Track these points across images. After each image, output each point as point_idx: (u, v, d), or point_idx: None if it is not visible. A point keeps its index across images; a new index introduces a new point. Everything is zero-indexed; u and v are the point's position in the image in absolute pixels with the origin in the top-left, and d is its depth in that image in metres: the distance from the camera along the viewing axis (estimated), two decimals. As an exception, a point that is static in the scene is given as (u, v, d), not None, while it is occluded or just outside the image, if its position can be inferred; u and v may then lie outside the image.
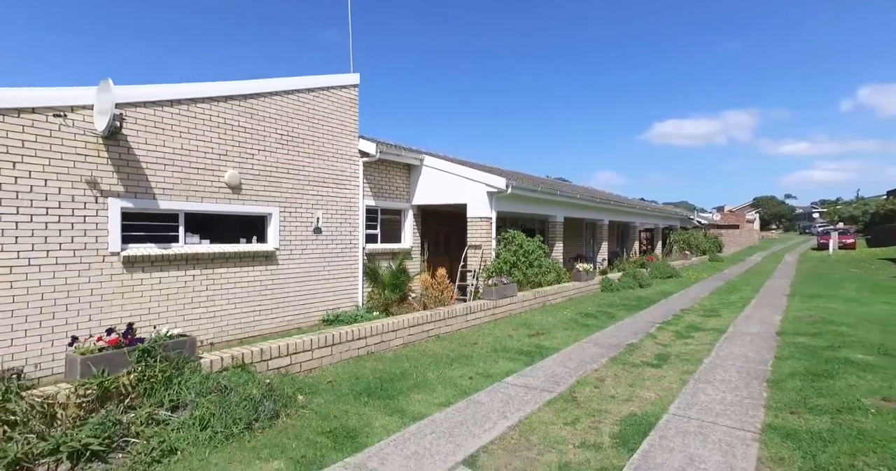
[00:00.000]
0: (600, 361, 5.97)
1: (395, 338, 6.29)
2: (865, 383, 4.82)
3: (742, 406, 4.37)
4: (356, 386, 4.74)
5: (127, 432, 3.21)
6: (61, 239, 6.56)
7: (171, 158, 7.81)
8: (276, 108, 9.46)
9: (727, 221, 49.61)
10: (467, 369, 5.51)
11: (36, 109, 6.33)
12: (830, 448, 3.38)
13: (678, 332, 7.78)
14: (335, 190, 10.61)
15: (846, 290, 13.31)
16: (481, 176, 11.49)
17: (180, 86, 8.05)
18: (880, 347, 6.27)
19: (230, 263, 8.62)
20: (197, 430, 3.42)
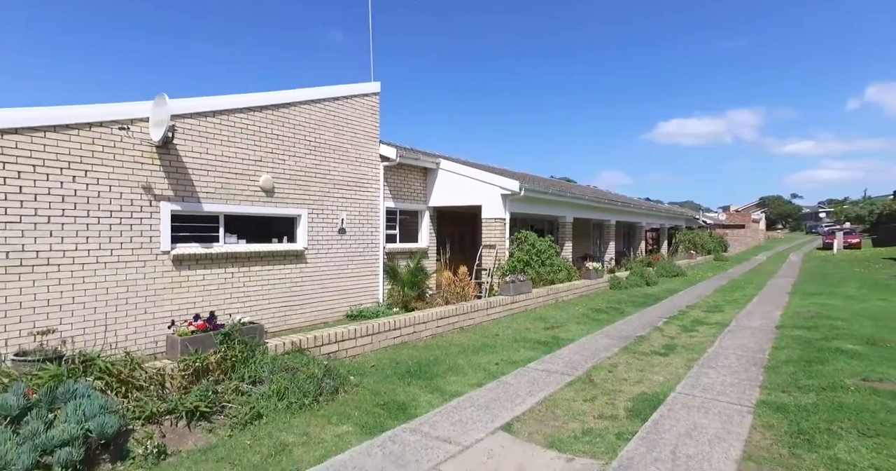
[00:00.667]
0: (612, 350, 6.59)
1: (424, 329, 6.92)
2: (850, 367, 5.41)
3: (740, 386, 4.97)
4: (397, 369, 5.38)
5: (222, 400, 3.85)
6: (122, 239, 7.24)
7: (213, 165, 8.47)
8: (305, 117, 10.10)
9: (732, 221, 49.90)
10: (493, 357, 6.14)
11: (103, 123, 7.02)
12: (813, 417, 3.98)
13: (684, 326, 8.37)
14: (358, 193, 11.25)
15: (846, 288, 13.82)
16: (496, 179, 12.09)
17: (222, 98, 8.72)
18: (869, 339, 6.84)
19: (264, 262, 9.27)
20: (275, 400, 4.06)
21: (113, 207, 7.12)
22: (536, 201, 13.30)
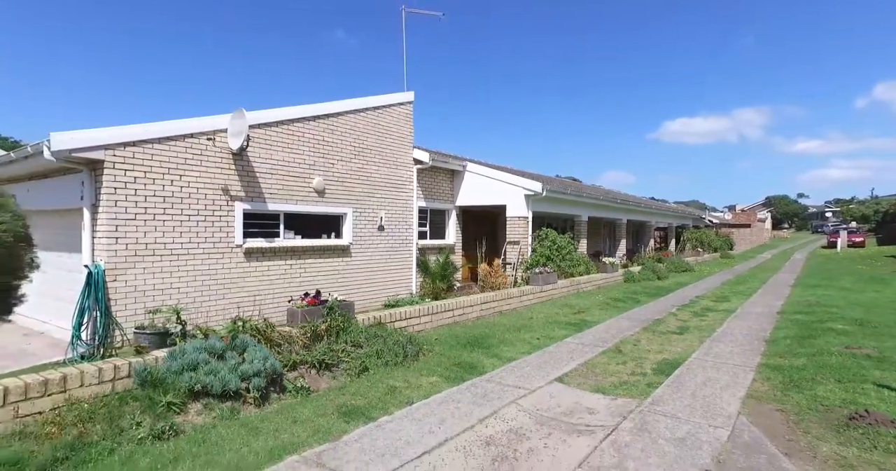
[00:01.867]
0: (634, 329, 7.65)
1: (471, 312, 8.01)
2: (838, 340, 6.44)
3: (744, 354, 6.02)
4: (458, 341, 6.46)
5: (336, 356, 4.94)
6: (206, 234, 8.35)
7: (275, 169, 9.58)
8: (351, 125, 11.21)
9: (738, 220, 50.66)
10: (533, 334, 7.22)
11: (194, 135, 8.14)
12: (801, 373, 5.03)
13: (695, 312, 9.41)
14: (395, 193, 12.33)
15: (844, 282, 14.80)
16: (520, 180, 13.16)
17: (284, 109, 9.83)
18: (858, 321, 7.86)
19: (316, 255, 10.37)
20: (375, 358, 5.16)
21: (199, 206, 8.24)
22: (556, 201, 14.34)
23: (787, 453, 3.32)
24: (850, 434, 3.54)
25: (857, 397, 4.16)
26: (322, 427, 3.69)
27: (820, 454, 3.28)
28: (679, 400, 4.38)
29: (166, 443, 3.39)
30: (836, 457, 3.22)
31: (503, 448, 3.46)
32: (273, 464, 3.13)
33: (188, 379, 3.83)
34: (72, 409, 3.49)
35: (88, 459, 3.10)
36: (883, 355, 5.63)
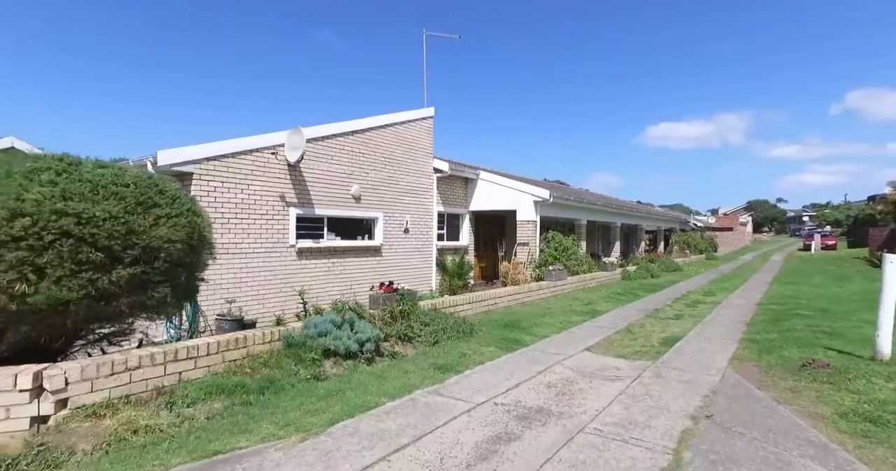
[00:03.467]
0: (639, 316, 9.10)
1: (501, 301, 9.37)
2: (803, 322, 7.97)
3: (730, 332, 7.50)
4: (498, 323, 7.83)
5: (412, 332, 6.26)
6: (268, 235, 9.59)
7: (321, 178, 10.86)
8: (382, 138, 12.52)
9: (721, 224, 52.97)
10: (555, 319, 8.61)
11: (260, 149, 9.39)
12: (773, 343, 6.51)
13: (687, 304, 10.92)
14: (417, 199, 13.66)
15: (815, 279, 16.55)
16: (529, 188, 14.60)
17: (329, 126, 11.12)
18: (821, 309, 9.45)
19: (353, 254, 11.65)
20: (441, 334, 6.49)
21: (262, 211, 9.48)
22: (560, 206, 15.81)
23: (759, 387, 4.75)
24: (800, 374, 5.00)
25: (809, 355, 5.62)
26: (427, 376, 5.02)
27: (779, 386, 4.72)
28: (682, 360, 5.80)
29: (323, 382, 4.69)
30: (790, 387, 4.68)
31: (560, 388, 4.82)
32: (408, 393, 4.46)
33: (322, 342, 5.12)
34: (253, 359, 4.76)
35: (280, 388, 4.38)
36: (834, 331, 7.15)
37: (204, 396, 4.12)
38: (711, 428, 3.73)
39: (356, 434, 3.61)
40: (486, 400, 4.40)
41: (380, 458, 3.25)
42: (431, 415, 4.01)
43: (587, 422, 3.88)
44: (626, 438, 3.56)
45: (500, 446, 3.47)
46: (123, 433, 3.51)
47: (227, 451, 3.31)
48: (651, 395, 4.54)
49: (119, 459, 3.22)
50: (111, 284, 3.87)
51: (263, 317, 9.36)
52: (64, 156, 4.03)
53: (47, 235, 3.53)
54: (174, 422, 3.74)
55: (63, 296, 3.61)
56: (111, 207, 3.85)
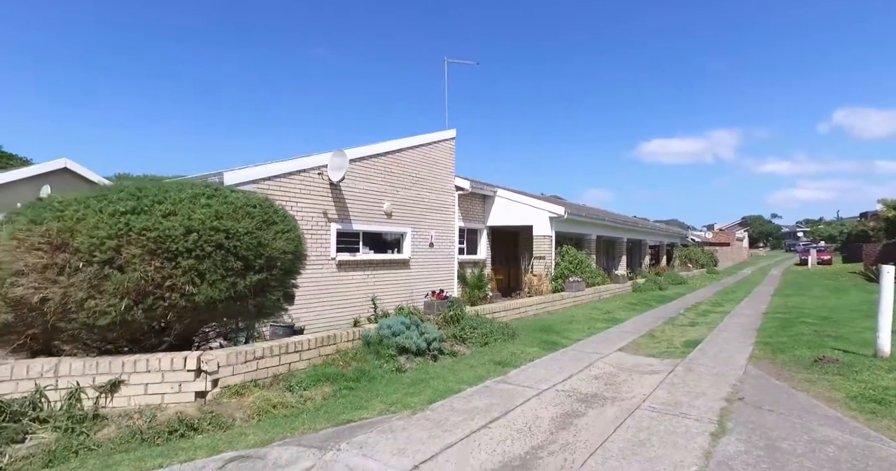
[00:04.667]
0: (657, 323, 9.90)
1: (531, 310, 10.17)
2: (809, 328, 8.80)
3: (743, 337, 8.31)
4: (533, 328, 8.61)
5: (464, 334, 7.03)
6: (313, 249, 10.38)
7: (358, 196, 11.72)
8: (410, 158, 13.44)
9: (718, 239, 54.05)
10: (582, 326, 9.40)
11: (307, 170, 10.26)
12: (784, 345, 7.32)
13: (699, 313, 11.74)
14: (441, 215, 14.53)
15: (814, 292, 17.44)
16: (545, 205, 15.50)
17: (366, 147, 12.04)
18: (823, 317, 10.30)
19: (384, 267, 12.44)
20: (489, 336, 7.27)
21: (307, 226, 10.29)
22: (573, 222, 16.70)
23: (778, 378, 5.55)
24: (813, 369, 5.82)
25: (819, 354, 6.43)
26: (490, 369, 5.79)
27: (796, 378, 5.53)
28: (706, 358, 6.60)
29: (404, 374, 5.46)
30: (805, 378, 5.49)
31: (606, 379, 5.60)
32: (481, 382, 5.24)
33: (396, 341, 5.89)
34: (342, 354, 5.53)
35: (372, 378, 5.15)
36: (839, 335, 7.98)
37: (313, 382, 4.88)
38: (744, 407, 4.52)
39: (454, 410, 4.38)
40: (548, 387, 5.18)
41: (482, 426, 4.02)
42: (508, 397, 4.79)
43: (639, 402, 4.67)
44: (676, 412, 4.34)
45: (572, 419, 4.25)
46: (265, 407, 4.27)
47: (357, 420, 4.07)
48: (687, 383, 5.33)
49: (272, 425, 3.98)
50: (245, 288, 4.67)
51: (310, 323, 10.09)
52: (210, 184, 4.88)
53: (207, 247, 4.34)
54: (299, 401, 4.50)
55: (215, 296, 4.40)
56: (247, 224, 4.68)
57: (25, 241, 3.96)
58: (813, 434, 3.83)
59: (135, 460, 3.38)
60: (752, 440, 3.68)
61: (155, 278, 4.18)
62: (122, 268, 4.11)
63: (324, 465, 3.34)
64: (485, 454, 3.53)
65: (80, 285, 3.99)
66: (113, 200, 4.26)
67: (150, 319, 4.28)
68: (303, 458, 3.44)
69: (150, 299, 4.19)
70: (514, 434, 3.89)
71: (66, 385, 3.97)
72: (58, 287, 3.96)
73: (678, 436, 3.79)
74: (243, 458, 3.46)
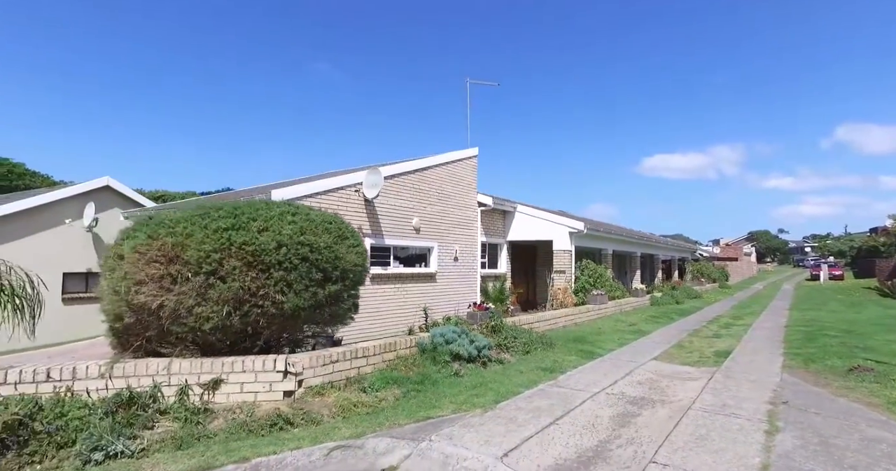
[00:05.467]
0: (683, 335, 10.23)
1: (560, 321, 10.54)
2: (834, 340, 9.11)
3: (771, 348, 8.63)
4: (567, 338, 8.97)
5: (507, 343, 7.42)
6: (351, 262, 10.82)
7: (389, 212, 12.22)
8: (436, 176, 13.97)
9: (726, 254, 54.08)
10: (612, 337, 9.74)
11: (344, 187, 10.79)
12: (814, 355, 7.64)
13: (721, 326, 12.05)
14: (464, 231, 14.98)
15: (830, 306, 17.66)
16: (565, 220, 15.96)
17: (398, 165, 12.59)
18: (846, 330, 10.59)
19: (413, 280, 12.85)
20: (530, 345, 7.64)
21: (346, 240, 10.77)
22: (591, 237, 17.11)
23: (815, 385, 5.90)
24: (848, 377, 6.16)
25: (852, 364, 6.77)
26: (540, 375, 6.17)
27: (833, 385, 5.87)
28: (741, 367, 6.95)
29: (461, 378, 5.85)
30: (843, 386, 5.83)
31: (650, 384, 5.96)
32: (535, 386, 5.62)
33: (449, 348, 6.30)
34: (402, 360, 5.94)
35: (434, 381, 5.55)
36: (866, 346, 8.30)
37: (383, 384, 5.28)
38: (790, 410, 4.87)
39: (520, 409, 4.77)
40: (599, 391, 5.55)
41: (549, 422, 4.40)
42: (565, 399, 5.16)
43: (689, 404, 5.03)
44: (727, 413, 4.71)
45: (629, 419, 4.62)
46: (347, 405, 4.67)
47: (435, 417, 4.47)
48: (729, 389, 5.69)
49: (358, 420, 4.38)
50: (323, 297, 5.12)
51: (346, 335, 10.49)
52: (291, 202, 5.38)
53: (294, 260, 4.81)
54: (374, 400, 4.90)
55: (300, 304, 4.85)
56: (326, 238, 5.16)
57: (145, 254, 4.45)
58: (863, 434, 4.18)
59: (249, 447, 3.79)
60: (805, 437, 4.03)
61: (251, 288, 4.64)
62: (223, 278, 4.58)
63: (420, 452, 3.73)
64: (560, 446, 3.91)
65: (189, 293, 4.45)
66: (215, 217, 4.75)
67: (244, 325, 4.73)
68: (398, 447, 3.84)
69: (247, 307, 4.65)
70: (580, 430, 4.27)
71: (177, 382, 4.40)
72: (172, 295, 4.42)
73: (734, 433, 4.16)
74: (344, 447, 3.86)
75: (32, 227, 12.71)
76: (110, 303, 4.53)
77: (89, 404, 3.99)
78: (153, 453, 3.69)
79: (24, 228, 12.64)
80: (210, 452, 3.70)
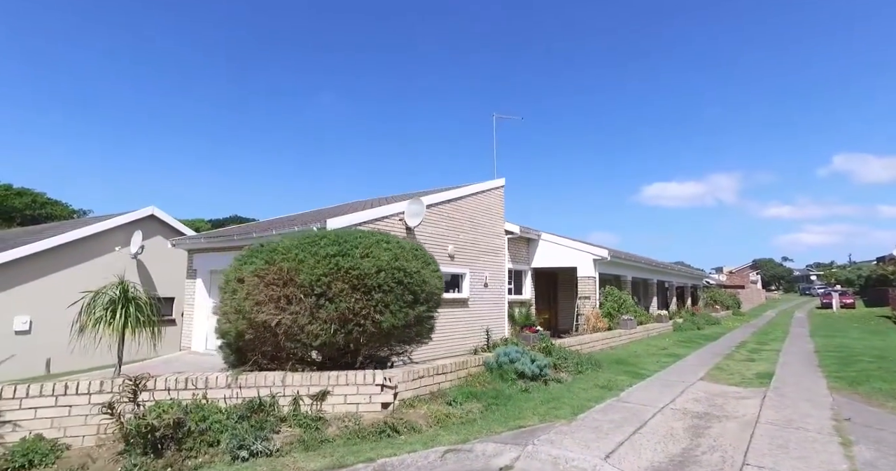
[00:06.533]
0: (717, 359, 10.56)
1: (597, 344, 10.92)
2: (871, 365, 9.46)
3: (809, 371, 8.98)
4: (609, 360, 9.35)
5: (560, 363, 7.81)
6: (394, 287, 11.29)
7: (427, 239, 12.75)
8: (468, 205, 14.61)
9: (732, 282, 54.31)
10: (649, 359, 10.08)
11: (389, 216, 11.40)
12: (857, 378, 8.01)
13: (750, 350, 12.36)
14: (494, 258, 15.48)
15: (852, 334, 17.91)
16: (589, 248, 16.48)
17: (434, 195, 13.23)
18: (878, 356, 10.92)
19: (447, 305, 13.20)
20: (581, 365, 8.02)
21: (390, 266, 11.28)
22: (612, 264, 17.59)
23: (869, 405, 6.26)
24: (901, 398, 6.51)
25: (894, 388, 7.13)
26: (600, 393, 6.55)
27: (888, 406, 6.23)
28: (788, 388, 7.31)
29: (531, 394, 6.25)
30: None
31: (707, 402, 6.33)
32: (603, 401, 6.02)
33: (514, 367, 6.71)
34: (473, 377, 6.36)
35: (508, 397, 5.95)
36: (903, 370, 8.66)
37: (464, 398, 5.68)
38: (854, 426, 5.22)
39: (599, 421, 5.16)
40: (663, 406, 5.93)
41: (632, 432, 4.79)
42: (635, 413, 5.55)
43: (754, 419, 5.41)
44: (795, 427, 5.08)
45: (702, 430, 5.00)
46: (440, 416, 5.07)
47: (525, 426, 4.87)
48: (786, 406, 6.06)
49: (456, 429, 4.78)
50: (413, 317, 5.60)
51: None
52: (381, 233, 5.95)
53: (391, 283, 5.32)
54: (461, 412, 5.29)
55: (396, 323, 5.33)
56: (416, 264, 5.69)
57: (264, 277, 4.97)
58: (931, 445, 4.54)
59: (369, 451, 4.19)
60: (881, 449, 4.41)
61: (354, 308, 5.13)
62: (332, 299, 5.08)
63: (528, 454, 4.13)
64: (650, 451, 4.30)
65: (302, 313, 4.95)
66: (322, 245, 5.30)
67: (346, 342, 5.20)
68: (506, 451, 4.24)
69: (350, 325, 5.13)
70: (662, 438, 4.66)
71: (290, 393, 4.83)
72: (287, 314, 4.92)
73: (811, 443, 4.54)
74: (455, 451, 4.26)
75: (85, 254, 13.28)
76: (231, 321, 5.02)
77: (223, 410, 4.42)
78: (286, 454, 4.09)
79: (79, 255, 13.20)
80: (337, 453, 4.10)
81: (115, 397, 4.08)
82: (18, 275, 12.10)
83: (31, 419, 4.12)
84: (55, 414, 4.18)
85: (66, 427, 4.18)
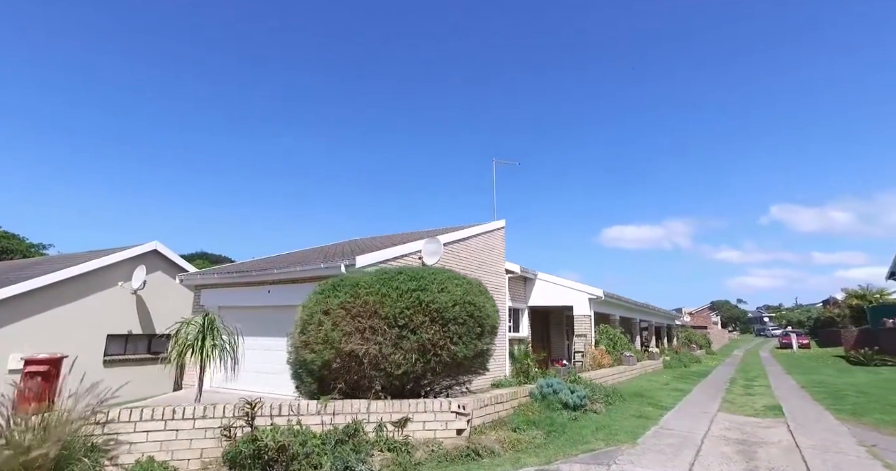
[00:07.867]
0: (720, 393, 11.19)
1: (609, 379, 11.35)
2: (860, 399, 10.27)
3: (809, 404, 9.70)
4: (627, 393, 9.76)
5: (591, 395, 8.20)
6: (412, 323, 11.51)
7: (439, 276, 13.13)
8: (474, 244, 15.18)
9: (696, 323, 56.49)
10: (660, 393, 10.59)
11: (408, 254, 11.80)
12: (856, 410, 8.74)
13: (743, 386, 13.10)
14: (496, 295, 15.82)
15: (823, 372, 19.12)
16: (585, 287, 17.22)
17: (446, 235, 13.77)
18: (860, 392, 11.80)
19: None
20: (609, 398, 8.43)
21: (408, 302, 11.55)
22: (605, 303, 18.35)
23: (883, 434, 6.84)
24: (902, 425, 7.21)
25: (887, 417, 7.87)
26: (639, 421, 6.97)
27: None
28: (801, 419, 7.93)
29: (578, 422, 6.60)
30: (903, 431, 6.86)
31: (738, 430, 6.84)
32: (648, 429, 6.43)
33: (558, 397, 7.06)
34: (524, 407, 6.66)
35: (561, 425, 6.29)
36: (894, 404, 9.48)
37: (525, 425, 5.98)
38: (884, 451, 5.73)
39: (658, 444, 5.56)
40: (703, 433, 6.39)
41: (694, 454, 5.22)
42: (684, 439, 5.98)
43: (791, 444, 5.93)
44: (835, 451, 5.62)
45: (751, 454, 5.48)
46: (511, 441, 5.35)
47: (596, 449, 5.22)
48: (812, 433, 6.63)
49: (533, 452, 5.07)
50: (480, 348, 5.96)
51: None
52: (448, 269, 6.37)
53: (464, 315, 5.71)
54: (528, 438, 5.59)
55: (467, 353, 5.67)
56: (482, 299, 6.12)
57: (350, 310, 5.27)
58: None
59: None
60: None
61: (433, 339, 5.47)
62: (414, 330, 5.40)
63: (617, 475, 4.48)
64: (717, 469, 4.73)
65: (386, 343, 5.24)
66: (401, 280, 5.69)
67: (424, 371, 5.48)
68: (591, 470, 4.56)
69: (429, 355, 5.44)
70: (721, 460, 5.10)
71: (375, 420, 5.03)
72: (373, 344, 5.19)
73: (857, 465, 5.06)
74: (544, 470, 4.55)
75: (86, 289, 12.83)
76: (317, 351, 5.24)
77: (318, 435, 4.58)
78: (391, 477, 4.28)
79: (79, 290, 12.74)
80: (437, 477, 4.32)
81: (231, 421, 4.20)
82: (16, 311, 11.52)
83: (143, 442, 4.16)
84: (164, 438, 4.24)
85: (174, 450, 4.24)
